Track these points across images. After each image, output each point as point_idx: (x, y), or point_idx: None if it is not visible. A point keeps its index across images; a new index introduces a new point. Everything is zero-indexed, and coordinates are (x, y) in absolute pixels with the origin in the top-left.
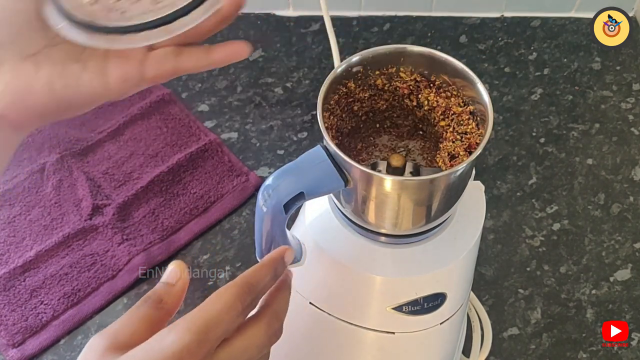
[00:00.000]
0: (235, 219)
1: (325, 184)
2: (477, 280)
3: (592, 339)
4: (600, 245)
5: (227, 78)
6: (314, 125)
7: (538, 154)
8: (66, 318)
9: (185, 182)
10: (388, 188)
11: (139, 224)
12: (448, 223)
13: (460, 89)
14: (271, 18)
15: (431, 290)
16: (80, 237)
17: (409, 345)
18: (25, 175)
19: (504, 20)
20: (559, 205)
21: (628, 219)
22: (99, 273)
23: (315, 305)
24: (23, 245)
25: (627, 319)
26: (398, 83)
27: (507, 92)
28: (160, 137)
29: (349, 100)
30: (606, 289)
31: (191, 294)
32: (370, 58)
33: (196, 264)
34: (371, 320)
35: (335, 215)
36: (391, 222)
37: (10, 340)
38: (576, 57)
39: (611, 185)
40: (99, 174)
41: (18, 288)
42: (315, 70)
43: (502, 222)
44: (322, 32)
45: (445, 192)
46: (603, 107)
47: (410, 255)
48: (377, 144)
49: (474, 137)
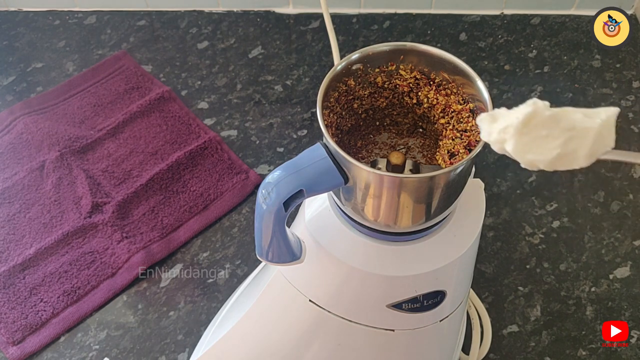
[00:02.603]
0: (235, 217)
1: (324, 182)
2: (477, 277)
3: (592, 337)
4: (600, 242)
5: (227, 76)
6: (314, 123)
7: None
8: (66, 316)
9: (185, 179)
10: (388, 186)
11: (138, 222)
12: (448, 220)
13: (460, 86)
14: (271, 15)
15: (431, 287)
16: (80, 234)
17: (409, 342)
18: (25, 173)
19: (504, 18)
20: (559, 202)
21: (628, 217)
22: (99, 271)
23: (315, 303)
24: (23, 243)
25: (626, 317)
26: (398, 81)
27: (507, 89)
28: (160, 135)
29: (348, 97)
30: (606, 287)
31: (191, 291)
32: (370, 56)
33: (196, 262)
34: (371, 318)
35: (335, 212)
36: (391, 219)
37: (10, 337)
38: (576, 54)
39: (611, 183)
40: (98, 171)
41: (18, 286)
42: (315, 67)
43: (501, 220)
44: (322, 30)
45: (445, 189)
46: (603, 104)
47: (409, 253)
48: (376, 142)
49: (473, 135)
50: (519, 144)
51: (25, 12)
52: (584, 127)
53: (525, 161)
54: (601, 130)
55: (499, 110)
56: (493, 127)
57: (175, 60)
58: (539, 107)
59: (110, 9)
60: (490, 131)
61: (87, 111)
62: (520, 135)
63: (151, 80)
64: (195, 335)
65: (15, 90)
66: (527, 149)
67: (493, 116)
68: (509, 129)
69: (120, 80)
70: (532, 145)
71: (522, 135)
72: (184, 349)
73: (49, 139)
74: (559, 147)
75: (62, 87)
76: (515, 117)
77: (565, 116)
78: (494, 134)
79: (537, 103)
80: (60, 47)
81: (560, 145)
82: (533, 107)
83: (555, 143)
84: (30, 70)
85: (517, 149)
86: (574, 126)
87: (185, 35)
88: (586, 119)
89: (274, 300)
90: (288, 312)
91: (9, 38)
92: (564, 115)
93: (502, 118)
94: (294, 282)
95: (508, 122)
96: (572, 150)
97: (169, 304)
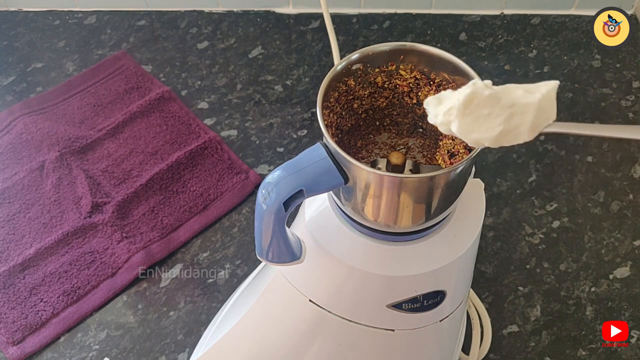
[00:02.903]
0: (235, 217)
1: (324, 182)
2: (477, 277)
3: (592, 337)
4: (600, 242)
5: (227, 76)
6: (314, 123)
7: (538, 151)
8: (66, 316)
9: (184, 179)
10: (388, 186)
11: (138, 222)
12: (448, 220)
13: (460, 86)
14: (271, 15)
15: (431, 287)
16: (80, 234)
17: (409, 342)
18: (25, 173)
19: (504, 18)
20: (559, 202)
21: (627, 217)
22: (99, 271)
23: (315, 303)
24: (22, 243)
25: (626, 317)
26: (398, 81)
27: None
28: (160, 135)
29: (348, 97)
30: (605, 287)
31: (191, 291)
32: (370, 56)
33: (196, 262)
34: (371, 318)
35: (335, 212)
36: (391, 219)
37: (10, 337)
38: (576, 54)
39: (611, 183)
40: (98, 171)
41: (18, 286)
42: (315, 67)
43: (501, 220)
44: (322, 30)
45: (445, 189)
46: (603, 104)
47: (409, 253)
48: (376, 142)
49: None
50: (462, 124)
51: (25, 12)
52: (525, 103)
53: (470, 140)
54: (542, 105)
55: (445, 92)
56: (439, 110)
57: (175, 60)
58: (478, 88)
59: (110, 9)
60: (436, 113)
61: (87, 111)
62: (463, 116)
63: (151, 80)
64: (195, 335)
65: (15, 90)
66: (471, 129)
67: (439, 99)
68: (452, 110)
69: (120, 80)
70: (476, 125)
71: (464, 115)
72: (184, 349)
73: (48, 139)
74: (502, 124)
75: (62, 87)
76: (457, 99)
77: (506, 94)
78: (439, 116)
79: (476, 84)
80: (60, 47)
81: (502, 123)
82: (472, 88)
83: (497, 121)
84: (30, 70)
85: (462, 129)
86: (514, 103)
87: (185, 35)
88: (527, 95)
89: (274, 300)
90: (288, 312)
91: (9, 38)
92: (506, 93)
93: (447, 100)
94: (294, 282)
95: (451, 104)
96: (514, 126)
97: (169, 304)
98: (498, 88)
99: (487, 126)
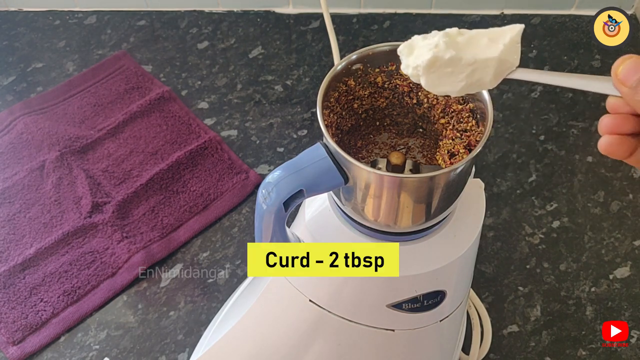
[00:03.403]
0: (235, 217)
1: (324, 182)
2: (477, 277)
3: (592, 337)
4: (600, 242)
5: (227, 76)
6: (314, 123)
7: (538, 151)
8: (66, 315)
9: (185, 179)
10: (388, 186)
11: (138, 222)
12: (448, 220)
13: None
14: (271, 15)
15: (431, 287)
16: (80, 234)
17: (409, 342)
18: (25, 172)
19: (504, 18)
20: (559, 202)
21: (627, 217)
22: (99, 271)
23: (315, 303)
24: (23, 243)
25: (626, 317)
26: (398, 81)
27: (507, 89)
28: (160, 135)
29: (348, 97)
30: (605, 287)
31: (191, 291)
32: (370, 55)
33: (196, 262)
34: (371, 318)
35: (335, 212)
36: (391, 219)
37: (10, 337)
38: (576, 54)
39: (611, 183)
40: (98, 171)
41: (18, 286)
42: (315, 67)
43: (501, 220)
44: (322, 30)
45: (445, 189)
46: (603, 104)
47: (410, 253)
48: (376, 142)
49: (473, 135)
50: (428, 80)
51: (25, 12)
52: (485, 59)
53: (438, 92)
54: (503, 57)
55: (416, 38)
56: (409, 61)
57: (175, 60)
58: (439, 52)
59: (110, 9)
60: (407, 64)
61: (87, 111)
62: (428, 74)
63: (151, 80)
64: (195, 335)
65: (15, 90)
66: (437, 84)
67: (410, 47)
68: (419, 68)
69: (120, 80)
70: (441, 81)
71: (430, 74)
72: (184, 349)
73: (49, 139)
74: (464, 80)
75: (62, 87)
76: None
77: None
78: (410, 68)
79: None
80: (60, 47)
81: (465, 78)
82: (433, 53)
83: (460, 77)
84: (30, 70)
85: (429, 84)
86: (475, 60)
87: (185, 35)
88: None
89: (274, 300)
90: (288, 312)
91: (9, 38)
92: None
93: (417, 50)
94: (294, 282)
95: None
96: (477, 79)
97: (169, 304)
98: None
99: (451, 81)
